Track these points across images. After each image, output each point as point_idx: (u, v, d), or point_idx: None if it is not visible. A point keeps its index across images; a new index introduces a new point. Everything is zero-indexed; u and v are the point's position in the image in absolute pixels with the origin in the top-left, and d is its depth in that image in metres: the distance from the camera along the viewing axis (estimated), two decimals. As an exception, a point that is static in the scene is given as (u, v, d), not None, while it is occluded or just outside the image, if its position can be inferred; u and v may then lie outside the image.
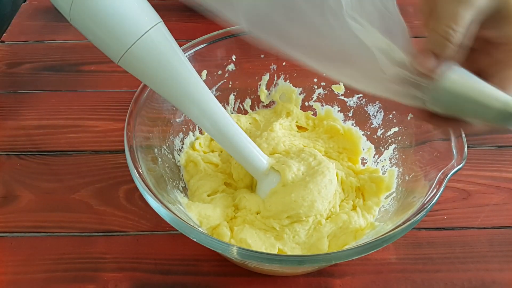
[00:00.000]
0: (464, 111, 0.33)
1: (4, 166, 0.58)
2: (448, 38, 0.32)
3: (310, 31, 0.36)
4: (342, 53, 0.36)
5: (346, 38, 0.35)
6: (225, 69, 0.55)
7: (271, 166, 0.48)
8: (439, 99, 0.33)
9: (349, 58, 0.36)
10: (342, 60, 0.36)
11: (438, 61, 0.32)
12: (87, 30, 0.38)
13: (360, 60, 0.35)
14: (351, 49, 0.36)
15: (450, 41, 0.32)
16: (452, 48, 0.32)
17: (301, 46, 0.37)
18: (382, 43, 0.35)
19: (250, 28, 0.38)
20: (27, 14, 0.81)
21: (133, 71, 0.40)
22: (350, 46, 0.36)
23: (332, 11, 0.35)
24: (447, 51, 0.32)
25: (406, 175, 0.49)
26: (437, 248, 0.50)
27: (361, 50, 0.35)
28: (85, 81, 0.69)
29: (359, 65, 0.36)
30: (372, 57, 0.35)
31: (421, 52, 0.33)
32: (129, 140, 0.43)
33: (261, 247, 0.45)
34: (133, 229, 0.52)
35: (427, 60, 0.33)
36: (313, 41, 0.36)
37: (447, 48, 0.32)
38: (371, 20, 0.36)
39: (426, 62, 0.33)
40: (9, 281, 0.47)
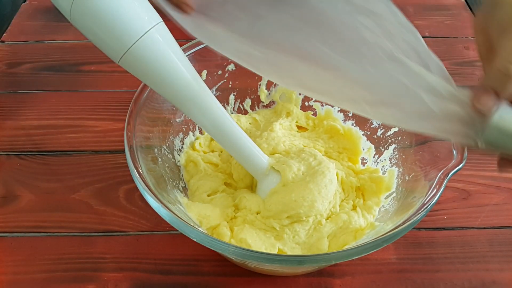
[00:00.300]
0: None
1: (4, 166, 0.58)
2: (509, 75, 0.31)
3: (345, 81, 0.36)
4: (383, 97, 0.36)
5: (386, 83, 0.35)
6: (225, 69, 0.55)
7: (271, 166, 0.48)
8: (491, 137, 0.33)
9: (391, 101, 0.36)
10: (383, 103, 0.36)
11: (498, 98, 0.32)
12: (88, 30, 0.38)
13: (403, 101, 0.35)
14: (393, 93, 0.36)
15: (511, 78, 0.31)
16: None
17: (336, 97, 0.37)
18: (428, 79, 0.35)
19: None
20: (27, 14, 0.81)
21: (134, 71, 0.40)
22: (391, 90, 0.35)
23: (369, 60, 0.36)
24: (508, 88, 0.32)
25: (406, 175, 0.49)
26: (437, 248, 0.50)
27: (404, 92, 0.35)
28: (85, 81, 0.69)
29: (402, 107, 0.35)
30: (416, 97, 0.34)
31: (480, 88, 0.32)
32: (129, 140, 0.43)
33: (261, 247, 0.45)
34: (133, 229, 0.52)
35: (487, 97, 0.32)
36: (352, 91, 0.36)
37: (508, 85, 0.32)
38: (409, 56, 0.36)
39: (486, 99, 0.32)
40: (9, 281, 0.47)
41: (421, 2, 0.86)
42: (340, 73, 0.37)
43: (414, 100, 0.35)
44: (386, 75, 0.36)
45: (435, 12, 0.84)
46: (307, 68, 0.37)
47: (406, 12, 0.89)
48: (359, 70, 0.36)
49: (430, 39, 0.79)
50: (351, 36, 0.37)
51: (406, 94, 0.35)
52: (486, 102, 0.32)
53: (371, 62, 0.36)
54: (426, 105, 0.34)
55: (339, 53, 0.37)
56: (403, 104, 0.35)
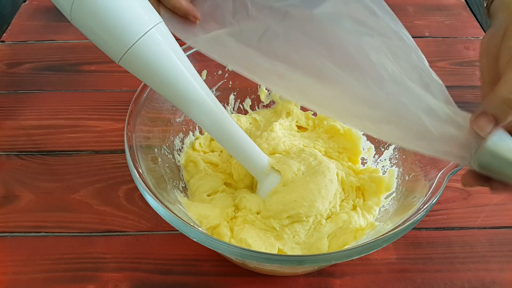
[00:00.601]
0: (505, 175, 0.34)
1: (4, 166, 0.58)
2: (509, 104, 0.33)
3: (349, 98, 0.37)
4: (385, 116, 0.37)
5: (388, 103, 0.36)
6: (225, 69, 0.55)
7: (272, 166, 0.48)
8: (484, 160, 0.34)
9: (392, 120, 0.37)
10: (384, 121, 0.37)
11: (497, 125, 0.33)
12: (88, 30, 0.38)
13: (403, 121, 0.36)
14: (394, 112, 0.37)
15: (511, 107, 0.33)
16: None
17: (340, 113, 0.38)
18: (428, 101, 0.36)
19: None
20: (27, 14, 0.81)
21: (134, 71, 0.40)
22: (392, 110, 0.37)
23: (373, 79, 0.37)
24: (505, 117, 0.33)
25: (406, 175, 0.49)
26: (437, 248, 0.50)
27: (404, 112, 0.36)
28: (85, 81, 0.69)
29: (402, 126, 0.36)
30: (416, 118, 0.36)
31: (480, 112, 0.33)
32: (129, 140, 0.43)
33: (261, 247, 0.44)
34: (133, 229, 0.52)
35: (486, 121, 0.33)
36: (355, 107, 0.38)
37: (506, 114, 0.33)
38: (411, 77, 0.37)
39: (485, 123, 0.33)
40: (9, 281, 0.47)
41: (421, 2, 0.86)
42: (345, 89, 0.38)
43: (414, 121, 0.36)
44: (388, 95, 0.37)
45: (435, 12, 0.84)
46: (312, 82, 0.39)
47: (406, 12, 0.90)
48: (363, 88, 0.38)
49: (430, 39, 0.79)
50: (357, 55, 0.39)
51: (406, 115, 0.36)
52: (485, 126, 0.33)
53: (375, 81, 0.37)
54: (424, 126, 0.36)
55: (344, 70, 0.38)
56: (403, 123, 0.36)
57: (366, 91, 0.37)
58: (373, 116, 0.37)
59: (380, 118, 0.37)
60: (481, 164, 0.34)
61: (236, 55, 0.40)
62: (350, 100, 0.38)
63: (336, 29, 0.39)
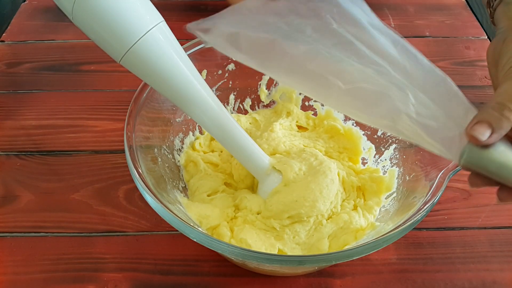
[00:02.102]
0: (492, 173, 0.34)
1: (3, 166, 0.58)
2: (503, 114, 0.33)
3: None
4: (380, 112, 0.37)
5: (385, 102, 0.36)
6: (225, 69, 0.55)
7: (273, 166, 0.48)
8: (471, 158, 0.34)
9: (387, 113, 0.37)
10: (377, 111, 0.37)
11: (492, 133, 0.33)
12: (89, 29, 0.38)
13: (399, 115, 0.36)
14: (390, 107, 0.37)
15: (506, 117, 0.33)
16: (507, 124, 0.33)
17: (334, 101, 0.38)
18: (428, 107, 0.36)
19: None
20: (27, 13, 0.81)
21: (135, 71, 0.40)
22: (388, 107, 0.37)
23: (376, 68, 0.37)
24: (501, 126, 0.33)
25: (407, 175, 0.49)
26: (438, 248, 0.50)
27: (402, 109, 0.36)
28: (85, 81, 0.69)
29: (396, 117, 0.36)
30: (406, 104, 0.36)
31: (477, 122, 0.33)
32: (129, 140, 0.43)
33: (261, 247, 0.44)
34: (133, 229, 0.52)
35: (482, 128, 0.33)
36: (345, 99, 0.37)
37: (502, 122, 0.33)
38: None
39: (481, 129, 0.33)
40: (9, 281, 0.47)
41: (422, 2, 0.86)
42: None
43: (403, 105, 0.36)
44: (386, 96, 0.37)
45: (435, 11, 0.84)
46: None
47: (406, 12, 0.90)
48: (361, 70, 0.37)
49: (431, 38, 0.79)
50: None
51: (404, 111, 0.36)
52: (480, 130, 0.33)
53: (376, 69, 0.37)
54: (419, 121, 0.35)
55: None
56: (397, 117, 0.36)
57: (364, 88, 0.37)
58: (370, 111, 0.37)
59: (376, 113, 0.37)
60: (468, 163, 0.34)
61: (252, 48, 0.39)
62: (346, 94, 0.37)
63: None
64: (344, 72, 0.37)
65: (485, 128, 0.33)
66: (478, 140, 0.33)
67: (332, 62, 0.37)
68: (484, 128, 0.33)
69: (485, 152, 0.33)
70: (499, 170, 0.33)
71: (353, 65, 0.37)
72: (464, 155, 0.34)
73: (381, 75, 0.36)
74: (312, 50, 0.37)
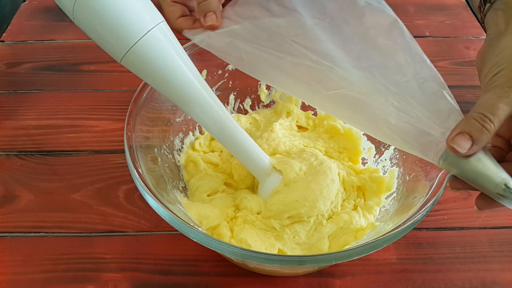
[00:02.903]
0: (468, 178, 0.35)
1: (3, 166, 0.58)
2: (484, 125, 0.34)
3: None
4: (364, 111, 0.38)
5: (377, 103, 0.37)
6: (225, 69, 0.55)
7: (273, 166, 0.48)
8: (448, 162, 0.35)
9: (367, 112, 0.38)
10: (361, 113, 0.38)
11: (472, 144, 0.34)
12: (90, 29, 0.38)
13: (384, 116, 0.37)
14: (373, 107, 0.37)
15: (486, 128, 0.34)
16: (487, 135, 0.34)
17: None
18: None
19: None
20: (27, 13, 0.81)
21: (136, 70, 0.40)
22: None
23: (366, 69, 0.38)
24: (481, 137, 0.34)
25: (407, 175, 0.49)
26: (438, 248, 0.50)
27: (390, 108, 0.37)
28: (85, 81, 0.69)
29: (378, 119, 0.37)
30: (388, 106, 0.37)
31: (458, 133, 0.34)
32: (129, 140, 0.43)
33: (261, 247, 0.44)
34: (133, 229, 0.52)
35: (463, 140, 0.34)
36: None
37: (482, 134, 0.34)
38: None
39: (462, 141, 0.34)
40: (9, 281, 0.47)
41: (422, 2, 0.86)
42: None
43: (384, 107, 0.37)
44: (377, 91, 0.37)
45: (435, 11, 0.84)
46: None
47: (406, 12, 0.90)
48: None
49: (431, 38, 0.79)
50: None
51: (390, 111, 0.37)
52: (460, 142, 0.34)
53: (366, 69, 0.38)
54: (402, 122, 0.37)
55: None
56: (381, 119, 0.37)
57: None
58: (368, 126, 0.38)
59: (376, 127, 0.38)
60: (446, 166, 0.35)
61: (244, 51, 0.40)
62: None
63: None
64: (327, 79, 0.38)
65: (466, 140, 0.34)
66: (458, 152, 0.34)
67: (316, 70, 0.38)
68: (465, 140, 0.34)
69: (463, 160, 0.34)
70: (476, 178, 0.34)
71: (336, 72, 0.37)
72: (441, 161, 0.35)
73: (366, 80, 0.37)
74: (296, 59, 0.39)
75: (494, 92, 0.35)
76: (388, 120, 0.36)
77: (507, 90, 0.34)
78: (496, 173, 0.34)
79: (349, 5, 0.39)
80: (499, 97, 0.34)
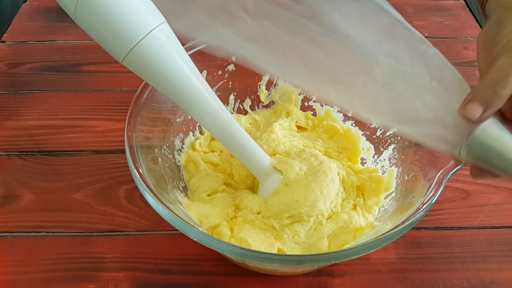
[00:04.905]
0: (493, 165, 0.34)
1: (4, 166, 0.58)
2: (495, 91, 0.33)
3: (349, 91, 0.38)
4: (379, 103, 0.38)
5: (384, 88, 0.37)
6: (225, 69, 0.55)
7: (274, 166, 0.48)
8: (472, 148, 0.34)
9: (385, 104, 0.37)
10: (378, 103, 0.38)
11: (484, 110, 0.34)
12: (92, 29, 0.38)
13: (399, 104, 0.37)
14: (390, 97, 0.37)
15: (498, 94, 0.33)
16: (499, 101, 0.34)
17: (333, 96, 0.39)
18: (426, 87, 0.37)
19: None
20: (28, 14, 0.81)
21: (137, 71, 0.40)
22: (389, 96, 0.37)
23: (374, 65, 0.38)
24: (493, 103, 0.34)
25: (406, 175, 0.49)
26: (437, 248, 0.51)
27: (402, 98, 0.37)
28: (86, 81, 0.69)
29: (394, 108, 0.37)
30: (412, 103, 0.36)
31: (470, 100, 0.34)
32: (130, 140, 0.43)
33: (261, 247, 0.45)
34: (133, 229, 0.52)
35: (473, 105, 0.34)
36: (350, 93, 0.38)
37: (493, 99, 0.33)
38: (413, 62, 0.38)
39: (472, 107, 0.34)
40: (9, 281, 0.47)
41: (421, 3, 0.86)
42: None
43: (408, 107, 0.36)
44: (388, 85, 0.37)
45: (434, 12, 0.84)
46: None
47: (405, 13, 0.90)
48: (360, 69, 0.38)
49: (430, 39, 0.78)
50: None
51: (401, 102, 0.37)
52: (472, 110, 0.34)
53: (374, 65, 0.38)
54: (417, 111, 0.36)
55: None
56: (396, 109, 0.37)
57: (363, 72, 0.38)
58: (366, 103, 0.38)
59: (373, 104, 0.37)
60: (470, 153, 0.34)
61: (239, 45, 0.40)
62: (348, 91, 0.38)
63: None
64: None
65: (477, 107, 0.33)
66: (470, 119, 0.33)
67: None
68: (476, 106, 0.33)
69: (487, 146, 0.33)
70: (501, 163, 0.33)
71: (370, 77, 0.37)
72: (465, 148, 0.34)
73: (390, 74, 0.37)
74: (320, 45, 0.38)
75: (509, 57, 0.34)
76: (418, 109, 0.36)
77: None
78: None
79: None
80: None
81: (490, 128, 0.33)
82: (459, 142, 0.34)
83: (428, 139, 0.36)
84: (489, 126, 0.34)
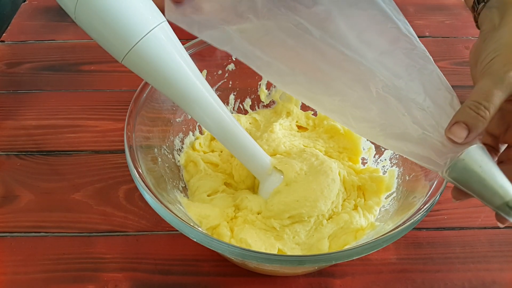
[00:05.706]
0: (473, 190, 0.34)
1: (4, 166, 0.58)
2: (478, 113, 0.34)
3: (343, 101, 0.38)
4: (368, 115, 0.38)
5: (379, 105, 0.37)
6: (225, 69, 0.55)
7: (274, 166, 0.48)
8: (456, 171, 0.34)
9: (375, 119, 0.38)
10: (366, 120, 0.38)
11: (469, 133, 0.34)
12: (92, 29, 0.38)
13: (387, 121, 0.37)
14: (381, 112, 0.37)
15: (481, 115, 0.34)
16: (483, 122, 0.34)
17: (326, 107, 0.39)
18: (417, 105, 0.37)
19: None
20: (27, 14, 0.81)
21: (137, 70, 0.40)
22: (380, 111, 0.37)
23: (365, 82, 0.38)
24: (477, 125, 0.34)
25: (407, 175, 0.49)
26: (438, 248, 0.50)
27: (391, 114, 0.37)
28: (85, 81, 0.69)
29: (383, 125, 0.37)
30: (400, 121, 0.37)
31: (454, 123, 0.34)
32: (129, 140, 0.43)
33: (261, 247, 0.44)
34: (133, 229, 0.52)
35: (459, 129, 0.34)
36: (342, 104, 0.38)
37: (477, 121, 0.34)
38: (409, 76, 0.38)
39: (458, 131, 0.34)
40: (9, 281, 0.47)
41: (422, 2, 0.86)
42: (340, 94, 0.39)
43: (397, 122, 0.37)
44: (377, 96, 0.38)
45: (435, 11, 0.84)
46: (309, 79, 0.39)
47: (406, 12, 0.90)
48: (352, 89, 0.38)
49: (430, 39, 0.79)
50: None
51: (392, 116, 0.37)
52: (457, 132, 0.34)
53: (366, 82, 0.38)
54: (405, 128, 0.36)
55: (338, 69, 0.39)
56: (385, 123, 0.37)
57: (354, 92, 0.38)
58: (358, 114, 0.38)
59: (363, 117, 0.38)
60: (452, 175, 0.34)
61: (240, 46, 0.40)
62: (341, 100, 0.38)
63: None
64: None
65: (462, 129, 0.34)
66: (455, 142, 0.34)
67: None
68: (461, 129, 0.34)
69: (470, 173, 0.33)
70: (481, 191, 0.33)
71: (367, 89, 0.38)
72: (448, 171, 0.34)
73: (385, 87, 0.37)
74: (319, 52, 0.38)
75: (489, 78, 0.34)
76: (406, 128, 0.36)
77: (502, 75, 0.34)
78: (504, 188, 0.33)
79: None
80: (494, 83, 0.34)
81: (475, 154, 0.34)
82: (443, 163, 0.35)
83: (413, 156, 0.36)
84: (474, 151, 0.34)
